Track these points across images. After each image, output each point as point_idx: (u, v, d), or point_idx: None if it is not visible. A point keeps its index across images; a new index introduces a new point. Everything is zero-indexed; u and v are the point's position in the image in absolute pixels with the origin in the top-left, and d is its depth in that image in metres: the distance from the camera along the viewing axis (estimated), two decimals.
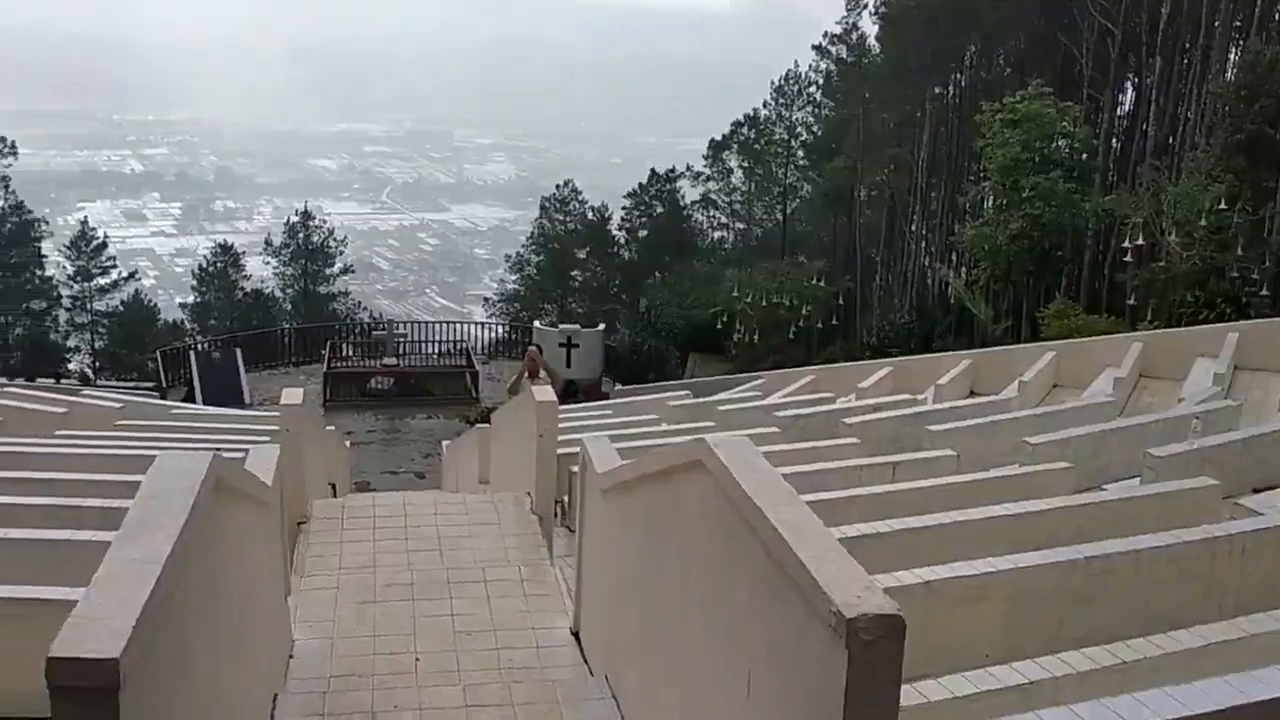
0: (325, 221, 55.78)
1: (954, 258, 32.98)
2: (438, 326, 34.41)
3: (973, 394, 17.07)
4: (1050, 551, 6.06)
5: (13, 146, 46.37)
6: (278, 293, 52.91)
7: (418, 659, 6.55)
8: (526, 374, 13.42)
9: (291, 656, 6.47)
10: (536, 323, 33.65)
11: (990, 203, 26.94)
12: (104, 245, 51.44)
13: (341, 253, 54.64)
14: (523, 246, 52.66)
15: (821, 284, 31.49)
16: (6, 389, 18.05)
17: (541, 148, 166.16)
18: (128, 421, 14.00)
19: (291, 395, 9.20)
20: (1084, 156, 27.51)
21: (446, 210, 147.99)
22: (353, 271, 57.22)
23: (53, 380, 26.34)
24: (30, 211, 47.70)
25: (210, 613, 3.93)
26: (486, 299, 56.38)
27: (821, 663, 3.13)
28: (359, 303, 55.82)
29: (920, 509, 7.42)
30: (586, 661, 6.67)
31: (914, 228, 39.16)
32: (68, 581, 5.49)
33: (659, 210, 47.92)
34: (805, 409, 14.33)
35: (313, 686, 6.06)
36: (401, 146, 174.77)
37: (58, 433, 12.26)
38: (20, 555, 6.13)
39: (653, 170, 48.68)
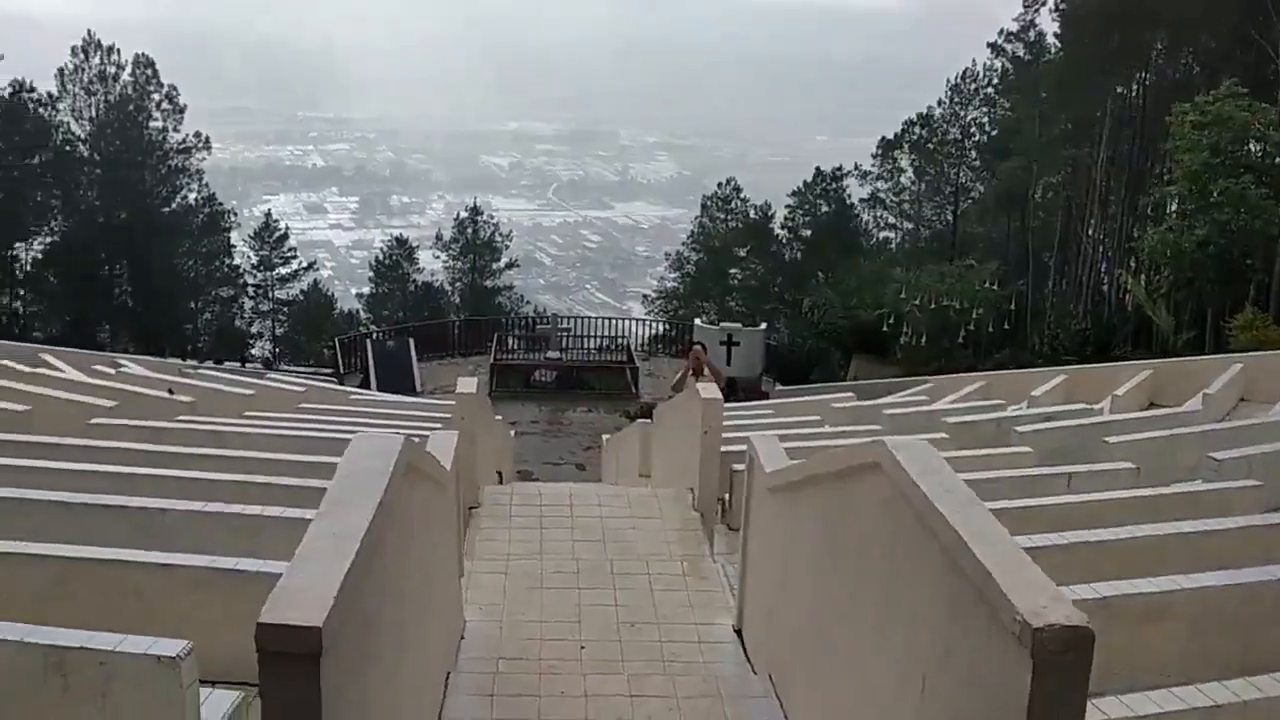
0: (493, 217, 57.15)
1: (1133, 264, 31.57)
2: (598, 322, 34.87)
3: (1152, 406, 16.32)
4: (1237, 571, 5.76)
5: (206, 141, 48.95)
6: (446, 285, 54.44)
7: (582, 647, 6.67)
8: (691, 371, 13.48)
9: (462, 637, 6.67)
10: (698, 320, 33.73)
11: (1174, 207, 25.66)
12: (285, 236, 53.83)
13: (507, 247, 55.87)
14: (683, 244, 52.85)
15: (993, 287, 30.58)
16: (199, 371, 19.15)
17: (706, 146, 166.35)
18: (309, 405, 14.65)
19: (467, 385, 9.48)
20: (1278, 161, 25.93)
21: (609, 208, 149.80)
22: (517, 266, 58.41)
23: (238, 364, 27.77)
24: (221, 203, 50.29)
25: (397, 589, 4.10)
26: (645, 296, 56.82)
27: (1003, 671, 3.07)
28: (522, 296, 57.03)
29: (1096, 522, 7.15)
30: (749, 659, 6.67)
31: (1090, 232, 37.63)
32: (259, 554, 5.82)
33: (824, 209, 47.41)
34: (974, 415, 13.97)
35: (482, 667, 6.24)
36: (569, 145, 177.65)
37: (245, 414, 12.93)
38: (216, 528, 6.49)
39: (818, 169, 48.19)
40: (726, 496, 9.75)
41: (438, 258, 55.57)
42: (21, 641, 4.13)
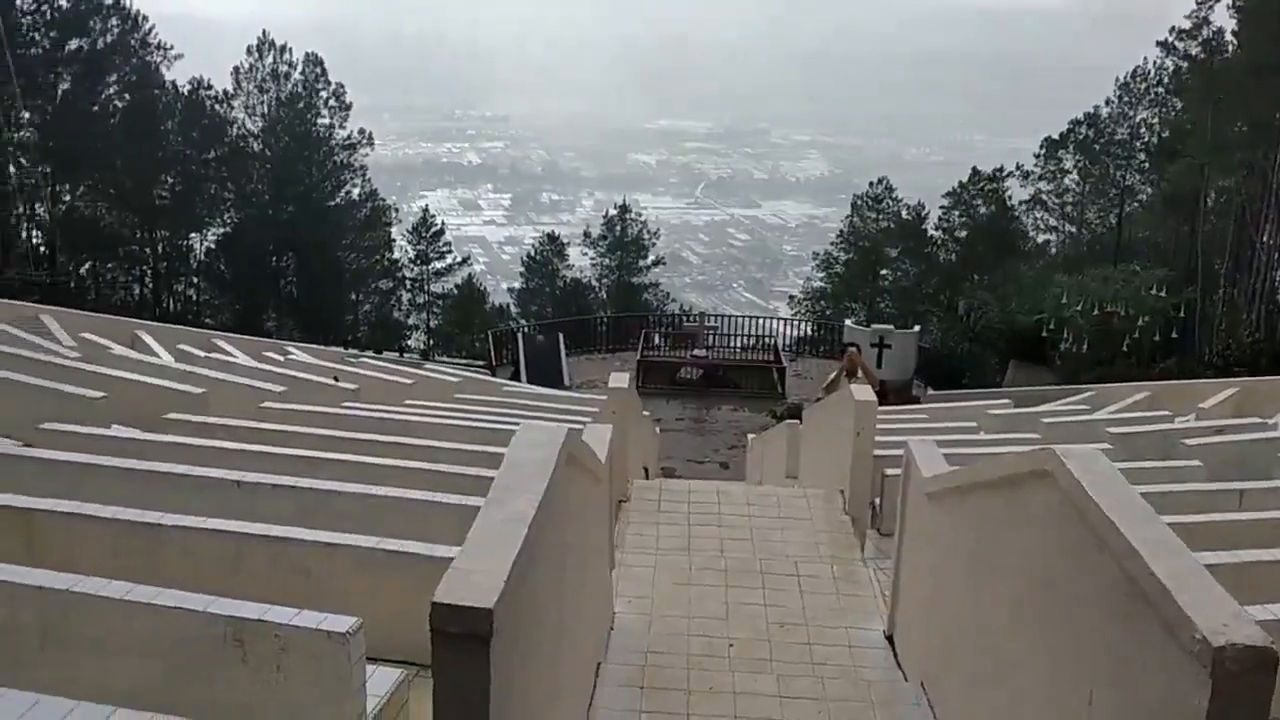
0: (641, 214, 57.54)
1: None
2: (745, 321, 34.73)
3: None
4: None
5: (370, 138, 50.64)
6: (594, 282, 55.07)
7: (731, 644, 6.67)
8: (845, 373, 13.33)
9: (612, 629, 6.75)
10: (848, 321, 33.31)
11: None
12: (441, 232, 55.23)
13: (654, 245, 56.18)
14: (832, 244, 52.20)
15: (1160, 294, 29.28)
16: (360, 360, 19.85)
17: (858, 145, 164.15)
18: (465, 395, 15.02)
19: (618, 379, 9.58)
20: None
21: (758, 206, 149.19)
22: (664, 264, 58.67)
23: (396, 354, 28.65)
24: (382, 199, 52.01)
25: (558, 576, 4.18)
26: (792, 296, 56.38)
27: (1178, 691, 2.97)
28: (668, 294, 57.28)
29: (1270, 541, 6.79)
30: (900, 666, 6.57)
31: (1266, 238, 35.70)
32: (420, 537, 6.00)
33: (982, 210, 46.21)
34: (1139, 426, 13.41)
35: (632, 659, 6.30)
36: (719, 143, 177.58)
37: (405, 402, 13.34)
38: (379, 511, 6.71)
39: (974, 169, 47.00)
40: (878, 500, 9.61)
41: (586, 254, 56.23)
42: (206, 611, 4.34)
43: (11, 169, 41.50)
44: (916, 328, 31.62)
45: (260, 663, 4.32)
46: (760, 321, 34.97)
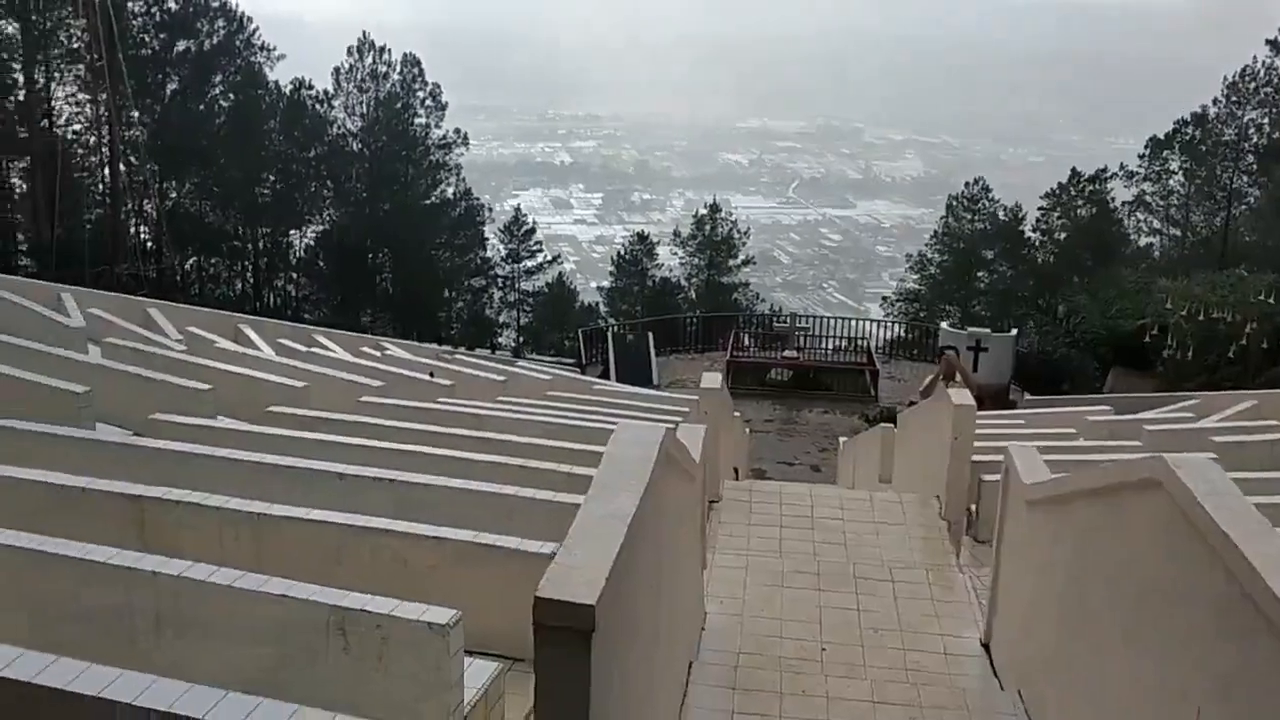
0: (732, 214, 57.38)
1: None
2: (836, 322, 34.40)
3: None
4: None
5: (465, 138, 51.32)
6: (683, 281, 55.04)
7: (824, 648, 6.62)
8: (942, 376, 13.12)
9: (703, 629, 6.75)
10: (943, 324, 32.77)
11: None
12: (533, 230, 55.71)
13: (745, 245, 55.94)
14: (926, 245, 51.47)
15: (1270, 300, 28.25)
16: (455, 356, 20.13)
17: (955, 144, 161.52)
18: (556, 393, 15.13)
19: (711, 380, 9.57)
20: None
21: (851, 206, 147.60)
22: (754, 263, 58.35)
23: (488, 351, 28.99)
24: (477, 198, 52.68)
25: (654, 574, 4.19)
26: (885, 297, 55.73)
27: None
28: (758, 294, 56.96)
29: None
30: (997, 675, 6.46)
31: None
32: (513, 532, 6.07)
33: (1082, 211, 45.14)
34: (1246, 436, 12.97)
35: (724, 660, 6.30)
36: (812, 142, 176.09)
37: (499, 399, 13.49)
38: (474, 505, 6.80)
39: (1073, 170, 45.95)
40: (974, 506, 9.45)
41: (675, 254, 56.21)
42: (310, 600, 4.45)
43: (122, 167, 42.94)
44: (1013, 331, 30.99)
45: (362, 652, 4.41)
46: (852, 323, 34.60)
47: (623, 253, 57.47)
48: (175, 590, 4.61)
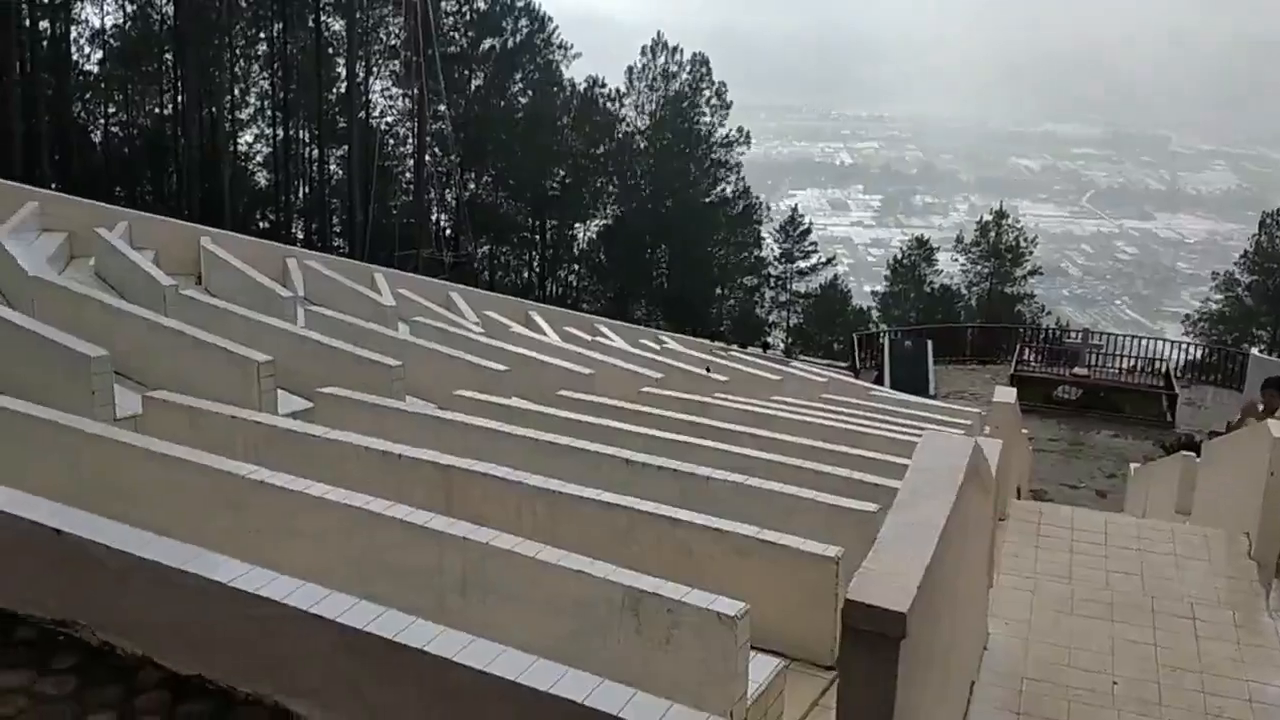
0: (1019, 221, 55.13)
1: None
2: (1129, 341, 32.31)
3: None
4: None
5: (747, 136, 51.75)
6: (963, 289, 53.40)
7: (1115, 682, 6.25)
8: (1262, 406, 12.03)
9: (985, 648, 6.52)
10: (1253, 350, 30.27)
11: None
12: (808, 231, 55.55)
13: (1031, 254, 53.66)
14: (1235, 264, 47.72)
15: None
16: (730, 353, 20.35)
17: (1273, 157, 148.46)
18: (831, 396, 15.03)
19: (1004, 394, 9.24)
20: None
21: (1150, 219, 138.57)
22: (1040, 274, 55.93)
23: (760, 350, 29.10)
24: (755, 196, 53.03)
25: (952, 587, 4.09)
26: (1186, 316, 52.04)
27: None
28: (1043, 306, 54.54)
29: None
30: None
31: None
32: (790, 531, 6.07)
33: None
34: None
35: (1007, 684, 6.06)
36: (1110, 150, 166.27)
37: (773, 398, 13.53)
38: (752, 501, 6.85)
39: None
40: None
41: (956, 260, 54.65)
42: (606, 579, 4.62)
43: (427, 158, 45.90)
44: None
45: (652, 634, 4.53)
46: (1148, 343, 32.40)
47: (900, 257, 56.42)
48: (483, 557, 4.89)
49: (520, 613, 4.75)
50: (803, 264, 54.20)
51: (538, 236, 51.35)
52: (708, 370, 14.91)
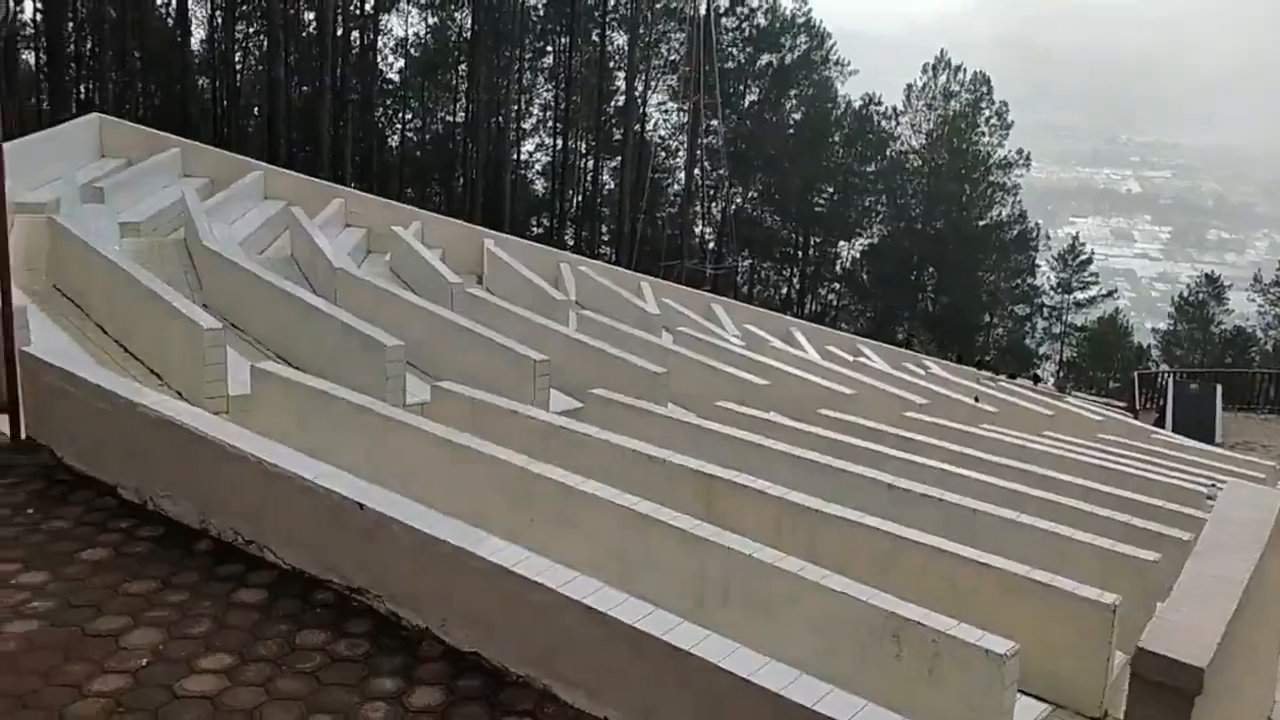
0: None
1: None
2: None
3: None
4: None
5: (1027, 158, 49.70)
6: (1259, 332, 49.38)
7: None
8: None
9: (1269, 718, 6.02)
10: None
11: None
12: (1089, 261, 52.81)
13: None
14: None
15: None
16: (999, 383, 19.61)
17: None
18: (1107, 436, 14.23)
19: None
20: None
21: None
22: None
23: (1030, 382, 27.87)
24: (1031, 222, 50.88)
25: (1249, 642, 3.82)
26: None
27: None
28: None
29: None
30: None
31: None
32: (1061, 572, 5.80)
33: None
34: None
35: None
36: None
37: (1044, 432, 12.94)
38: (1021, 538, 6.59)
39: None
40: None
41: (1253, 301, 50.58)
42: (869, 603, 4.56)
43: (697, 171, 46.65)
44: None
45: (913, 663, 4.44)
46: None
47: (1186, 294, 52.81)
48: (745, 567, 4.94)
49: (774, 625, 4.76)
50: (1080, 295, 51.64)
51: (800, 252, 51.18)
52: (975, 400, 14.43)
